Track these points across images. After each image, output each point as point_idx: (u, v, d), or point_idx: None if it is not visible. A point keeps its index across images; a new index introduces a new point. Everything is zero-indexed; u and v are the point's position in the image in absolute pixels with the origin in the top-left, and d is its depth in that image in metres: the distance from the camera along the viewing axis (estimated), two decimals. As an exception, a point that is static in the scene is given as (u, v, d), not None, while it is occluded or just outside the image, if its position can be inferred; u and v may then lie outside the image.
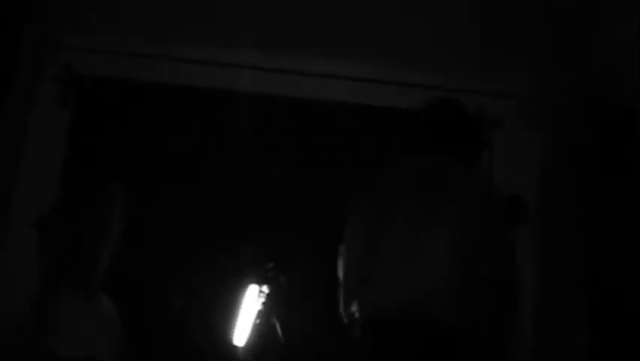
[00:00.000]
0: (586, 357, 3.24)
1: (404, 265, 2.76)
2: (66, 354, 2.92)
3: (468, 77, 3.98)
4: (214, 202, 3.79)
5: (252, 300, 3.14)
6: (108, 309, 3.17)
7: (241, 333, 3.15)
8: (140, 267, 3.61)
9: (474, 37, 4.02)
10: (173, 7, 3.93)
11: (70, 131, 3.80)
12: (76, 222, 3.14)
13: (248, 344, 3.15)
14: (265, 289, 3.14)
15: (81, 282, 3.08)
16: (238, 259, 3.53)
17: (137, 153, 3.82)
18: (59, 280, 3.08)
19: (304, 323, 3.52)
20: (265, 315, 3.13)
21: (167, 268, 3.67)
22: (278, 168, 3.88)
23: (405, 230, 2.82)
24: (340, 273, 2.98)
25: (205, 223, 3.75)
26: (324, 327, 3.60)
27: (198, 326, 3.57)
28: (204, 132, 3.89)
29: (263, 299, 3.13)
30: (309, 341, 3.54)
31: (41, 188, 3.69)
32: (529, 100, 3.98)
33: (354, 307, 2.86)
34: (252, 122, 3.83)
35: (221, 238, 3.73)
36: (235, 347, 3.16)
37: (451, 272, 2.71)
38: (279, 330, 3.10)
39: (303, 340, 3.43)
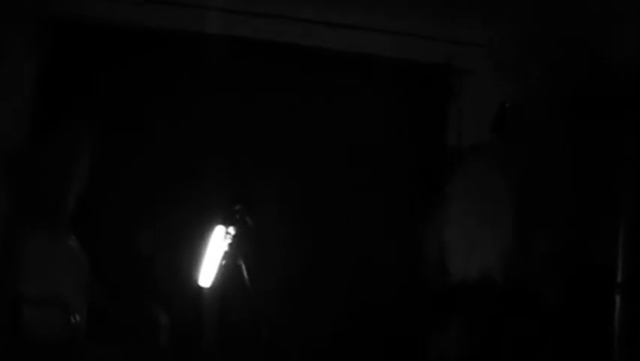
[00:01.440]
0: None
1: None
2: (33, 293, 2.93)
3: (439, 26, 3.98)
4: (182, 144, 3.78)
5: (218, 241, 3.14)
6: (75, 249, 3.17)
7: (207, 274, 3.16)
8: (107, 207, 3.60)
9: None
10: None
11: (40, 72, 3.76)
12: (44, 163, 3.13)
13: (213, 285, 3.16)
14: (231, 230, 3.14)
15: (48, 222, 3.08)
16: (205, 200, 3.54)
17: (106, 94, 3.78)
18: (26, 220, 3.08)
19: (270, 265, 3.56)
20: (231, 256, 3.13)
21: (135, 208, 3.67)
22: (247, 112, 3.88)
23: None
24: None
25: (173, 164, 3.75)
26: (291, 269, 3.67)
27: (164, 266, 3.59)
28: (174, 74, 3.86)
29: (229, 240, 3.13)
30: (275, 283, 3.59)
31: (9, 130, 3.66)
32: (498, 49, 3.99)
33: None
34: (222, 66, 3.80)
35: (189, 179, 3.73)
36: (201, 288, 3.17)
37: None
38: (244, 272, 3.11)
39: (268, 282, 3.45)
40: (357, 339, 3.84)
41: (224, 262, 3.14)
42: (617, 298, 3.46)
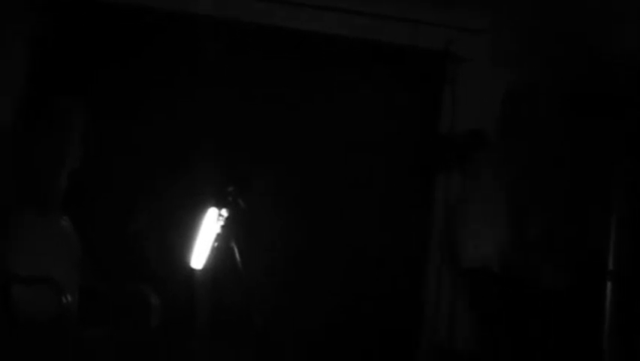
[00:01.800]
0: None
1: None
2: (24, 273, 2.92)
3: (437, 11, 3.97)
4: (175, 124, 3.78)
5: (211, 223, 3.13)
6: (66, 229, 3.16)
7: (199, 256, 3.15)
8: (100, 187, 3.60)
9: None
10: None
11: (31, 50, 3.74)
12: (36, 143, 3.11)
13: (206, 267, 3.16)
14: (224, 212, 3.13)
15: (39, 202, 3.07)
16: (198, 182, 3.53)
17: (100, 73, 3.77)
18: (17, 200, 3.06)
19: (262, 248, 3.56)
20: (224, 239, 3.12)
21: (127, 189, 3.67)
22: (241, 96, 3.87)
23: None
24: None
25: (166, 145, 3.75)
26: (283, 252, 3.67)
27: (156, 247, 3.59)
28: (170, 57, 3.86)
29: (222, 223, 3.13)
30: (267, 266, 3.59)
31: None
32: (496, 36, 3.98)
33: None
34: (217, 47, 3.79)
35: (182, 160, 3.73)
36: (193, 270, 3.16)
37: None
38: (237, 254, 3.10)
39: (260, 265, 3.45)
40: (350, 326, 3.85)
41: (216, 245, 3.14)
42: (609, 284, 3.49)
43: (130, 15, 3.82)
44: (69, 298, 2.99)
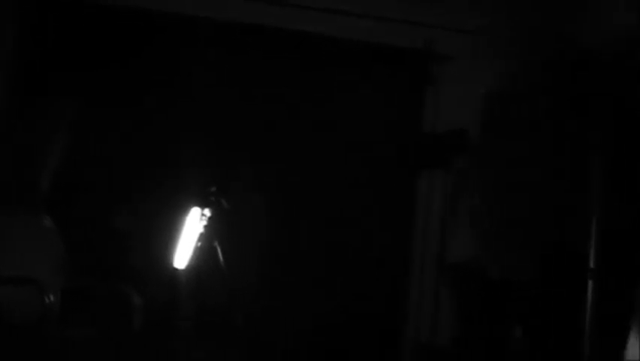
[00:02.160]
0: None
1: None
2: (7, 273, 2.91)
3: (418, 10, 3.98)
4: (160, 125, 3.77)
5: (194, 223, 3.13)
6: (49, 229, 3.15)
7: (182, 256, 3.15)
8: (82, 188, 3.59)
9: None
10: None
11: (17, 47, 3.72)
12: (19, 141, 3.10)
13: (188, 266, 3.15)
14: (207, 212, 3.13)
15: (21, 202, 3.06)
16: (181, 182, 3.53)
17: (86, 73, 3.75)
18: (1, 199, 3.05)
19: (245, 248, 3.56)
20: (206, 238, 3.12)
21: (110, 189, 3.66)
22: (226, 96, 3.87)
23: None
24: None
25: (150, 146, 3.74)
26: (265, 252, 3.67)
27: (139, 247, 3.58)
28: (155, 57, 3.85)
29: (205, 222, 3.13)
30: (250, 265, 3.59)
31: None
32: (480, 36, 3.99)
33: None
34: (203, 49, 3.79)
35: (165, 161, 3.72)
36: (176, 269, 3.16)
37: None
38: (219, 254, 3.10)
39: (243, 264, 3.45)
40: (334, 324, 3.87)
41: (199, 244, 3.14)
42: (590, 283, 3.50)
43: (119, 16, 3.81)
44: (52, 298, 2.98)
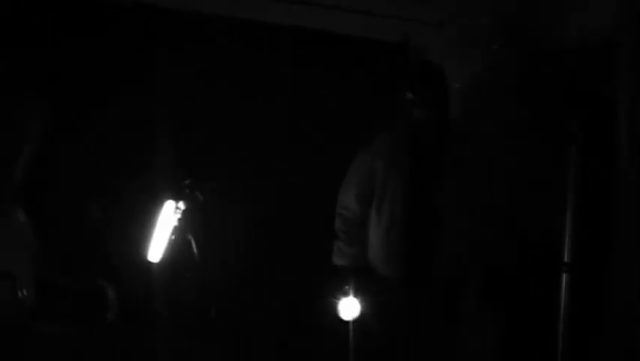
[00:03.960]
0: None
1: None
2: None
3: (394, 3, 3.98)
4: (133, 117, 3.74)
5: (168, 216, 3.12)
6: (21, 222, 3.12)
7: (156, 249, 3.14)
8: (56, 181, 3.56)
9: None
10: None
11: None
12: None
13: (163, 260, 3.14)
14: (181, 205, 3.12)
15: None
16: (155, 175, 3.51)
17: (57, 67, 3.72)
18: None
19: (220, 241, 3.55)
20: (181, 231, 3.11)
21: (84, 183, 3.63)
22: (198, 87, 3.84)
23: None
24: None
25: (123, 138, 3.70)
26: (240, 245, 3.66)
27: (114, 240, 3.55)
28: (127, 49, 3.81)
29: (179, 215, 3.11)
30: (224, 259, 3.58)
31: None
32: (455, 29, 4.00)
33: None
34: (174, 40, 3.77)
35: (139, 153, 3.69)
36: (150, 262, 3.14)
37: None
38: (194, 247, 3.09)
39: (217, 258, 3.44)
40: (307, 317, 3.86)
41: (173, 237, 3.12)
42: (564, 276, 3.54)
43: (87, 7, 3.78)
44: (25, 292, 2.96)
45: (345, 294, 3.10)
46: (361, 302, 3.12)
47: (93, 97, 3.73)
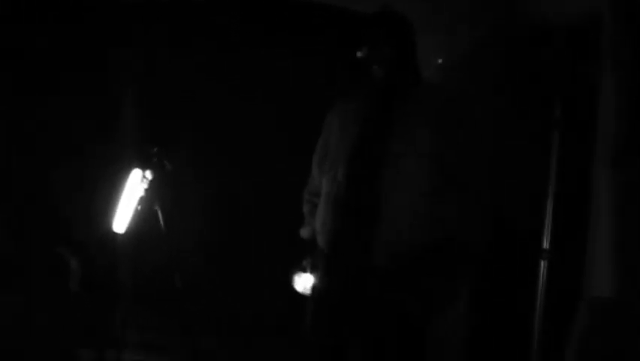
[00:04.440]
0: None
1: None
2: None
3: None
4: (100, 85, 3.63)
5: (135, 185, 3.01)
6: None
7: (122, 220, 3.03)
8: (17, 149, 3.46)
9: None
10: None
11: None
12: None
13: (128, 230, 3.03)
14: (148, 174, 3.01)
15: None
16: (121, 142, 3.41)
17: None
18: None
19: (187, 212, 3.45)
20: (147, 202, 3.00)
21: (47, 150, 3.52)
22: (165, 57, 3.74)
23: None
24: None
25: (89, 106, 3.60)
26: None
27: (78, 210, 3.45)
28: (93, 18, 3.70)
29: (145, 185, 3.00)
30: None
31: None
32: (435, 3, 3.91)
33: None
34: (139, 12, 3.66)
35: (105, 121, 3.59)
36: (115, 233, 3.04)
37: None
38: (160, 218, 2.99)
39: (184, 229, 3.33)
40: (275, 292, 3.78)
41: (139, 208, 3.02)
42: (542, 263, 3.47)
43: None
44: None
45: (303, 269, 2.92)
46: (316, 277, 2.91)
47: (59, 65, 3.61)
